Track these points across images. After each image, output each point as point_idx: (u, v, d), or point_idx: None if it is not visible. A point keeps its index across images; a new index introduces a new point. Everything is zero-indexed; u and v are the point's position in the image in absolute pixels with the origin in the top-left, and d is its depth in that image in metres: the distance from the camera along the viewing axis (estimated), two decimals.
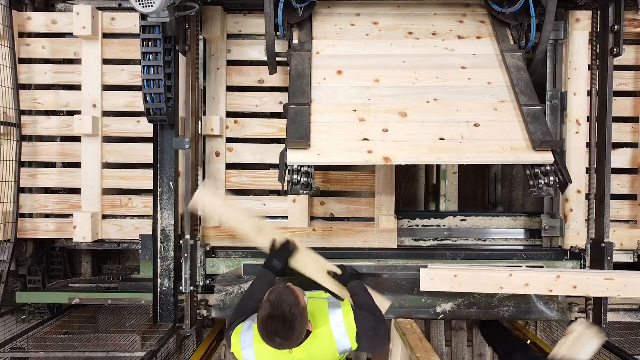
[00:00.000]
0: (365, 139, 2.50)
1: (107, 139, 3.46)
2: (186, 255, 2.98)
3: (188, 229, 3.01)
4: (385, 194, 3.36)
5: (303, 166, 2.39)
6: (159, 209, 3.03)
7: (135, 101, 3.38)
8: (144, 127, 3.30)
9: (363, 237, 3.29)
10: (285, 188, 2.42)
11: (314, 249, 2.94)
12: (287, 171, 2.37)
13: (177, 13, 2.54)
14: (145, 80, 2.75)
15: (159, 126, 2.98)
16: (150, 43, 2.72)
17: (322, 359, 2.28)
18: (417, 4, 3.13)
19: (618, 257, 3.27)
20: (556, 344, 2.36)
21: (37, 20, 3.44)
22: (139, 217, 3.48)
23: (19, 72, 3.38)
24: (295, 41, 2.95)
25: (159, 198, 3.03)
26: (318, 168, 3.20)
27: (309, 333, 2.19)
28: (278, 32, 2.90)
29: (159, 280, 3.05)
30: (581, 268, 3.10)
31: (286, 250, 2.68)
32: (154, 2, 2.26)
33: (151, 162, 3.05)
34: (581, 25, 3.18)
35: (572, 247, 3.15)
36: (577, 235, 3.22)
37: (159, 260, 3.04)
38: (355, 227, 3.37)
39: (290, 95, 2.68)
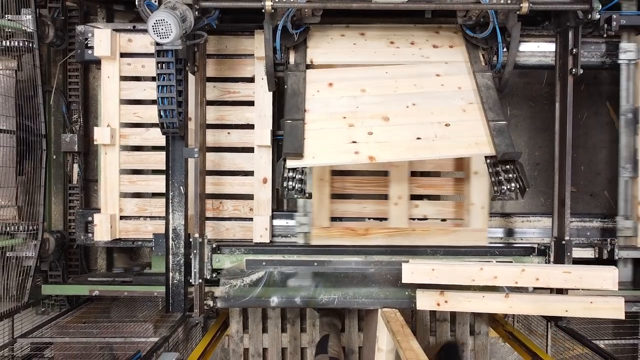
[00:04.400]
0: (353, 142, 2.86)
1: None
2: (195, 251, 3.31)
3: (197, 228, 3.35)
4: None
5: (297, 174, 2.75)
6: (170, 211, 3.34)
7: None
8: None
9: (457, 235, 3.65)
10: (282, 193, 2.78)
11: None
12: (283, 179, 2.73)
13: (188, 41, 2.89)
14: (159, 98, 3.03)
15: (170, 137, 3.31)
16: (164, 65, 2.98)
17: None
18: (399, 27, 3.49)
19: (582, 254, 3.66)
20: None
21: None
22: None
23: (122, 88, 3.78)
24: (291, 62, 3.31)
25: (170, 201, 3.34)
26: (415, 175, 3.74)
27: None
28: (276, 55, 3.22)
29: (171, 274, 3.37)
30: (546, 263, 3.45)
31: None
32: (170, 34, 2.60)
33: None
34: None
35: (538, 244, 3.52)
36: None
37: (170, 256, 3.36)
38: (450, 227, 3.73)
39: (286, 111, 3.02)
